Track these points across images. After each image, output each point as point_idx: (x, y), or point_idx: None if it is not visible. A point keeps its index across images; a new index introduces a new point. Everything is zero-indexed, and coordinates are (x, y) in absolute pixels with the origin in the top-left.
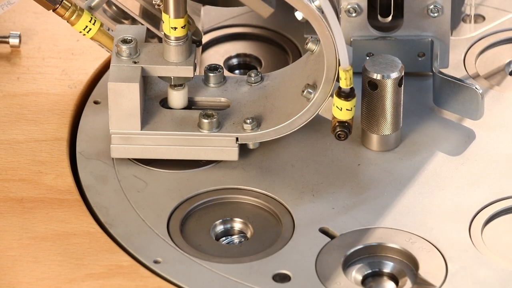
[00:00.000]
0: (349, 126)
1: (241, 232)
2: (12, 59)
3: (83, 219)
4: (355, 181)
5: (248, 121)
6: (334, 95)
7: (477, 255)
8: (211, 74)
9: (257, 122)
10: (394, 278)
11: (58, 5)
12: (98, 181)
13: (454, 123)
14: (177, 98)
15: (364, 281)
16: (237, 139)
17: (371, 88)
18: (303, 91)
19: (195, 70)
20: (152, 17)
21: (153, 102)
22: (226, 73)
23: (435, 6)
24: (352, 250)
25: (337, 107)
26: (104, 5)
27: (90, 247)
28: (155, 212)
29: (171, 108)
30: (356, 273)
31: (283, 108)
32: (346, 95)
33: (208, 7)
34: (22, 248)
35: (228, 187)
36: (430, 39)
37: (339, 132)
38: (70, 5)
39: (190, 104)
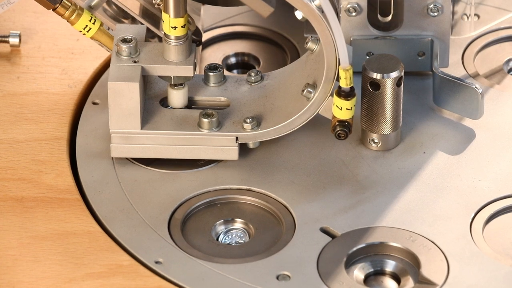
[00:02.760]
0: (349, 126)
1: (242, 232)
2: (12, 59)
3: (83, 218)
4: (355, 180)
5: (248, 120)
6: (334, 95)
7: (479, 253)
8: (211, 74)
9: (257, 121)
10: (396, 277)
11: (58, 5)
12: (98, 180)
13: (454, 122)
14: (177, 97)
15: (366, 280)
16: (237, 138)
17: (373, 89)
18: (303, 91)
19: (195, 69)
20: (152, 16)
21: (153, 101)
22: (226, 72)
23: (435, 5)
24: (354, 249)
25: (337, 106)
26: (104, 5)
27: (90, 247)
28: (155, 212)
29: (171, 108)
30: (358, 272)
31: (283, 108)
32: (346, 94)
33: (208, 6)
34: (22, 247)
35: (228, 188)
36: (430, 39)
37: (339, 132)
38: (70, 5)
39: (190, 104)
